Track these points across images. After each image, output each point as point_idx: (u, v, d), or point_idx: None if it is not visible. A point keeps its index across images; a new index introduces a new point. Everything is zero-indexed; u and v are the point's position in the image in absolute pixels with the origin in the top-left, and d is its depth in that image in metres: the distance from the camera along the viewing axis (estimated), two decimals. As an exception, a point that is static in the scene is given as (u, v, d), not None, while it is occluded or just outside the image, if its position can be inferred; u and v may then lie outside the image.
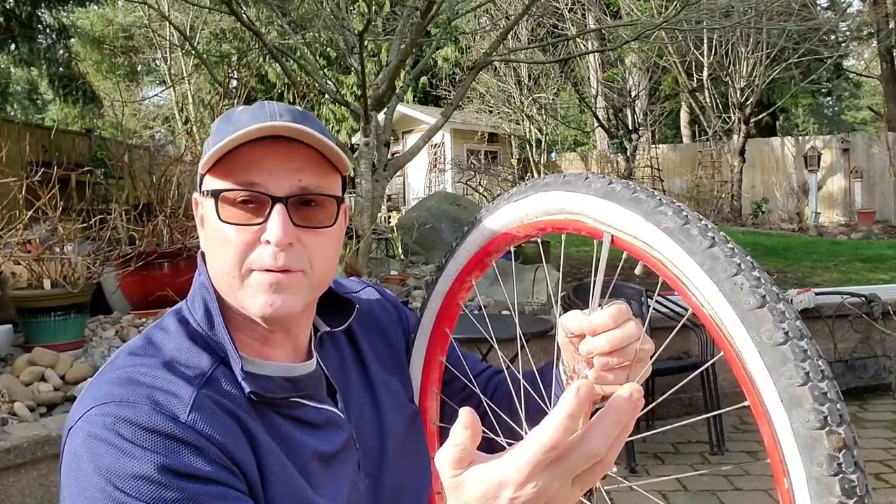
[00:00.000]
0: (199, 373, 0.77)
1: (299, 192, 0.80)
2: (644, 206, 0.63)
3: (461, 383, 1.03)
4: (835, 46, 15.54)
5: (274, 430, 0.80)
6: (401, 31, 6.49)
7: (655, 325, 4.33)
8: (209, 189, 0.80)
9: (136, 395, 0.72)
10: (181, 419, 0.71)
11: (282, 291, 0.79)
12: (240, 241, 0.78)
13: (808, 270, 7.86)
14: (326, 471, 0.83)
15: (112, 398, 0.72)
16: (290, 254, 0.79)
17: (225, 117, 0.84)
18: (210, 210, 0.81)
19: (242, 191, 0.78)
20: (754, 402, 0.56)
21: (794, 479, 0.53)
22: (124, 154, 6.25)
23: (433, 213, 7.67)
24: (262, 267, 0.78)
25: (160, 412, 0.71)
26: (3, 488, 2.39)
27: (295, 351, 0.88)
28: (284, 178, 0.79)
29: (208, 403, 0.74)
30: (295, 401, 0.83)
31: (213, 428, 0.73)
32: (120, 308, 4.48)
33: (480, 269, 0.90)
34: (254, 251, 0.79)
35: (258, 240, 0.78)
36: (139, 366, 0.76)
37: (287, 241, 0.78)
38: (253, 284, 0.79)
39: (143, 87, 18.92)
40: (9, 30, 9.97)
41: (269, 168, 0.79)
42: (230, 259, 0.79)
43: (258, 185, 0.78)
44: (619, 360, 0.74)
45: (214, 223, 0.80)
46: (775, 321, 0.54)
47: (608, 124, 15.46)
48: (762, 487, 3.62)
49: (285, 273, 0.79)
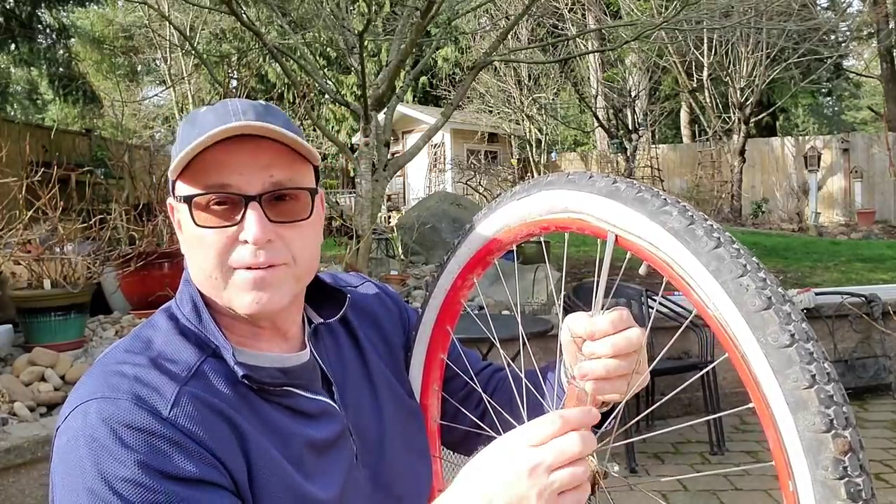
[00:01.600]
0: (184, 368, 0.78)
1: (272, 189, 0.79)
2: (649, 206, 0.63)
3: (462, 381, 1.02)
4: (835, 46, 15.53)
5: (264, 420, 0.80)
6: (401, 31, 6.48)
7: (656, 325, 4.32)
8: (181, 195, 0.80)
9: (119, 390, 0.72)
10: (163, 415, 0.71)
11: (267, 288, 0.79)
12: (218, 244, 0.78)
13: (808, 270, 7.85)
14: (319, 460, 0.83)
15: (95, 395, 0.72)
16: (270, 250, 0.79)
17: (190, 120, 0.84)
18: (185, 215, 0.80)
19: (214, 193, 0.78)
20: (759, 404, 0.56)
21: (800, 482, 0.53)
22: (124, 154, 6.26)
23: (433, 213, 7.67)
24: (244, 265, 0.78)
25: (142, 408, 0.71)
26: (3, 488, 2.39)
27: (286, 343, 0.88)
28: (255, 176, 0.79)
29: (191, 400, 0.74)
30: (287, 389, 0.83)
31: (195, 424, 0.73)
32: (120, 308, 4.48)
33: (482, 268, 0.90)
34: (234, 251, 0.79)
35: (236, 239, 0.78)
36: (124, 363, 0.76)
37: (265, 238, 0.78)
38: (238, 283, 0.79)
39: (143, 87, 18.91)
40: (9, 30, 9.96)
41: (239, 168, 0.78)
42: (211, 262, 0.79)
43: (230, 185, 0.78)
44: (618, 366, 0.74)
45: (191, 228, 0.80)
46: (781, 323, 0.54)
47: (608, 124, 15.45)
48: (762, 487, 3.62)
49: (269, 269, 0.79)
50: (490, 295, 4.95)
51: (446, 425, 1.02)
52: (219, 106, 0.83)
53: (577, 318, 0.78)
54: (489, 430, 0.96)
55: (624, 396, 0.76)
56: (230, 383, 0.80)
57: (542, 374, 0.99)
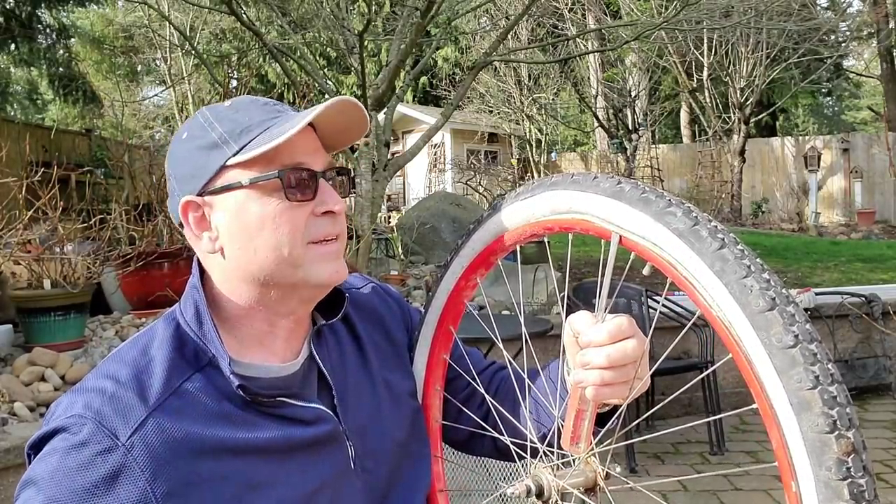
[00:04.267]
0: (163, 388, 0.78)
1: (329, 167, 0.86)
2: (653, 207, 0.63)
3: (464, 381, 1.02)
4: (835, 46, 15.52)
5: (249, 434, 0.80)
6: (401, 31, 6.48)
7: (657, 324, 4.32)
8: (257, 176, 0.81)
9: (89, 410, 0.75)
10: (121, 439, 0.74)
11: (339, 258, 0.86)
12: (298, 219, 0.82)
13: (808, 270, 7.85)
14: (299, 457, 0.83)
15: (67, 412, 0.76)
16: (338, 222, 0.85)
17: (232, 109, 0.85)
18: (248, 199, 0.81)
19: (304, 169, 0.83)
20: (763, 405, 0.56)
21: (803, 483, 0.53)
22: (124, 154, 6.25)
23: (433, 213, 7.66)
24: (323, 237, 0.83)
25: (100, 433, 0.74)
26: (3, 488, 2.39)
27: (287, 349, 0.89)
28: (318, 154, 0.85)
29: (154, 430, 0.76)
30: (281, 400, 0.84)
31: (155, 451, 0.74)
32: (120, 308, 4.48)
33: (486, 268, 0.90)
34: (310, 225, 0.83)
35: (311, 214, 0.83)
36: (108, 377, 0.79)
37: (342, 207, 0.85)
38: (318, 255, 0.83)
39: (143, 87, 18.90)
40: (9, 30, 9.95)
41: (304, 148, 0.83)
42: (290, 238, 0.82)
43: (305, 164, 0.83)
44: (614, 376, 0.73)
45: (260, 209, 0.81)
46: (785, 324, 0.54)
47: (608, 124, 15.45)
48: (762, 487, 3.62)
49: (338, 240, 0.85)
50: (491, 295, 4.95)
51: (448, 425, 1.02)
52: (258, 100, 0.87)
53: (580, 317, 0.78)
54: (492, 430, 0.96)
55: (624, 401, 0.76)
56: (217, 398, 0.80)
57: (545, 374, 0.99)
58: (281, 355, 0.88)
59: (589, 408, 0.76)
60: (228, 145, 0.81)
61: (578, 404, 0.75)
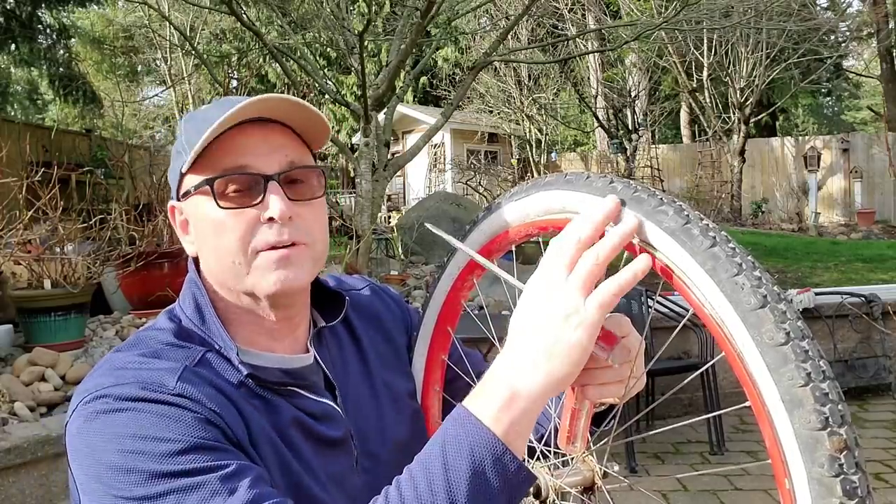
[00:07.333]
0: (187, 356, 0.78)
1: (288, 168, 0.81)
2: (645, 206, 0.63)
3: (464, 382, 1.02)
4: (835, 46, 15.53)
5: (268, 416, 0.80)
6: (401, 32, 6.49)
7: (655, 324, 4.32)
8: (198, 182, 0.81)
9: (124, 378, 0.73)
10: (169, 387, 0.72)
11: (290, 266, 0.80)
12: (241, 226, 0.79)
13: (808, 270, 7.85)
14: (318, 457, 0.83)
15: (102, 385, 0.73)
16: (292, 228, 0.80)
17: (190, 118, 0.86)
18: (201, 205, 0.81)
19: (239, 174, 0.79)
20: (755, 402, 0.56)
21: (796, 480, 0.53)
22: (124, 154, 6.26)
23: (433, 213, 7.67)
24: (268, 245, 0.80)
25: (148, 388, 0.71)
26: (3, 488, 2.39)
27: (295, 343, 0.89)
28: (271, 156, 0.81)
29: (196, 376, 0.75)
30: (292, 390, 0.84)
31: (202, 394, 0.73)
32: (120, 308, 4.48)
33: (482, 269, 0.90)
34: (257, 232, 0.80)
35: (258, 221, 0.79)
36: (127, 359, 0.77)
37: (288, 214, 0.79)
38: (262, 264, 0.80)
39: (143, 87, 18.89)
40: (9, 30, 9.96)
41: (254, 149, 0.80)
42: (233, 245, 0.80)
43: (248, 167, 0.80)
44: (611, 375, 0.73)
45: (208, 215, 0.81)
46: (776, 321, 0.54)
47: (608, 124, 15.43)
48: (762, 487, 3.62)
49: (292, 247, 0.80)
50: (489, 295, 4.95)
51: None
52: (221, 101, 0.85)
53: None
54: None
55: (621, 400, 0.76)
56: (233, 377, 0.80)
57: None
58: (290, 346, 0.88)
59: (585, 407, 0.76)
60: (186, 151, 0.81)
61: (574, 403, 0.75)
